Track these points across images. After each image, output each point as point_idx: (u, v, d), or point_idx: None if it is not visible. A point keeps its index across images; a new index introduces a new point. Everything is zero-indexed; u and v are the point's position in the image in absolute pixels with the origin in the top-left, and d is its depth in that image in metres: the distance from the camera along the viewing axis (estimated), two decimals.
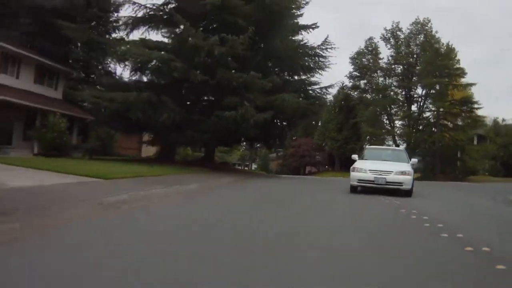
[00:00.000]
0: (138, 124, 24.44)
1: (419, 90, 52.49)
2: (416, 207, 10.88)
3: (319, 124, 64.59)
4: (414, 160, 16.95)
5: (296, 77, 29.19)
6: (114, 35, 35.01)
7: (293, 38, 28.40)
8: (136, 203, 9.58)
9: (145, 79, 27.88)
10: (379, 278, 3.98)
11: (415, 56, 53.59)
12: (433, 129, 46.54)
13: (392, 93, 55.08)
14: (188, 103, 24.38)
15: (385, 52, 56.12)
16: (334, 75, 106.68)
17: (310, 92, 28.36)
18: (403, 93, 54.19)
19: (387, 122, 55.91)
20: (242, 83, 22.21)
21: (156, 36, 64.20)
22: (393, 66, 55.21)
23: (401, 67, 54.45)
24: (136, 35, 42.37)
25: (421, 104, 51.47)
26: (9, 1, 31.57)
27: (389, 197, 13.60)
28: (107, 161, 22.33)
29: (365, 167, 14.96)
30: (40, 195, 8.63)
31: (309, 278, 3.85)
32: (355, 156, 17.14)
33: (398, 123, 55.59)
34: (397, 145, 52.51)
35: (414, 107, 53.21)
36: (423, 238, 6.54)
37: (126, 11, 29.61)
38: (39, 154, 24.42)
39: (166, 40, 28.05)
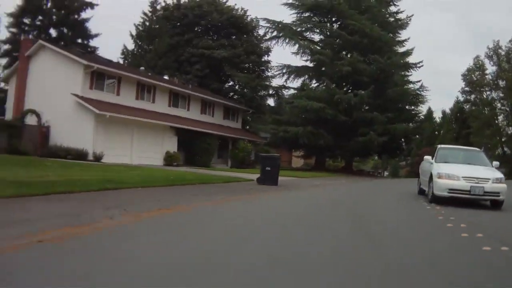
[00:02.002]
0: (303, 145, 37.96)
1: None
2: None
3: (441, 133, 73.34)
4: (496, 163, 14.20)
5: (407, 106, 40.93)
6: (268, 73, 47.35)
7: (402, 74, 40.27)
8: (325, 185, 22.10)
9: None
10: None
11: None
12: None
13: (499, 104, 63.01)
14: (334, 132, 36.57)
15: (491, 68, 63.43)
16: (451, 81, 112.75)
17: (416, 118, 40.20)
18: (509, 104, 61.68)
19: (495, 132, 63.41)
20: (369, 119, 34.61)
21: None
22: (496, 81, 62.36)
23: (505, 81, 61.13)
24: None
25: None
26: (185, 51, 44.65)
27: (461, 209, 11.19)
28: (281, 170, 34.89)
29: (457, 173, 12.22)
30: (286, 182, 21.50)
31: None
32: (428, 158, 14.55)
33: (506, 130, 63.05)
34: (504, 152, 60.20)
35: None
36: None
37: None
38: (232, 167, 34.92)
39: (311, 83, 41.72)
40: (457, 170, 12.48)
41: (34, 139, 26.71)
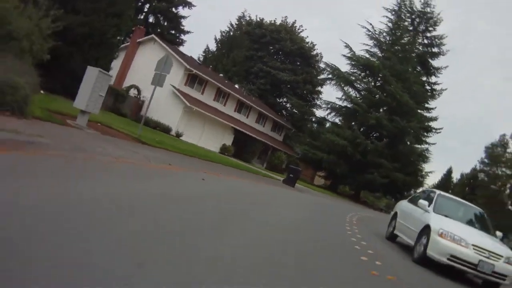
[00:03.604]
0: (324, 168, 47.66)
1: None
2: None
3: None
4: (500, 234, 10.95)
5: (415, 162, 49.59)
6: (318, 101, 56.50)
7: (422, 134, 49.05)
8: (321, 196, 32.06)
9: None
10: None
11: None
12: None
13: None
14: (350, 165, 45.38)
15: None
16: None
17: (419, 173, 49.25)
18: None
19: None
20: (378, 163, 43.73)
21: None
22: None
23: None
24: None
25: None
26: (255, 65, 53.01)
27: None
28: (303, 181, 44.41)
29: (465, 237, 9.18)
30: (299, 188, 31.35)
31: None
32: (424, 203, 10.88)
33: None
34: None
35: None
36: None
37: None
38: (267, 168, 42.46)
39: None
40: (465, 232, 9.58)
41: (131, 107, 33.33)
